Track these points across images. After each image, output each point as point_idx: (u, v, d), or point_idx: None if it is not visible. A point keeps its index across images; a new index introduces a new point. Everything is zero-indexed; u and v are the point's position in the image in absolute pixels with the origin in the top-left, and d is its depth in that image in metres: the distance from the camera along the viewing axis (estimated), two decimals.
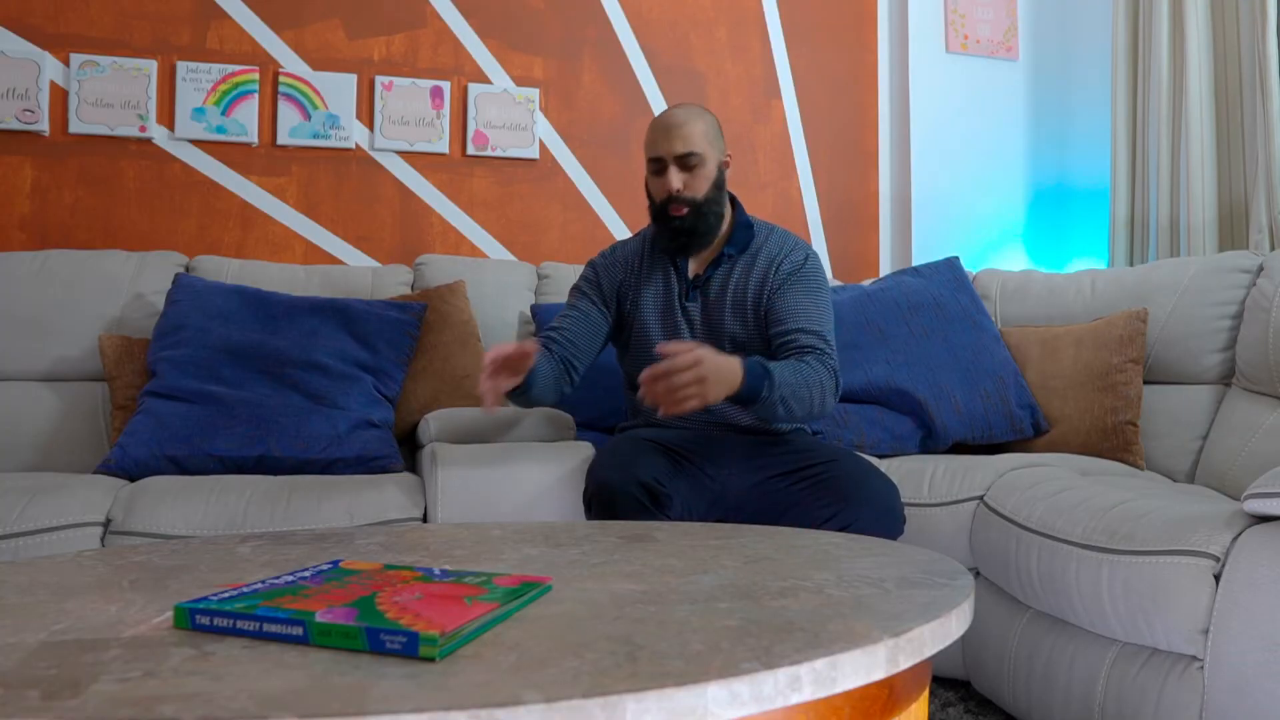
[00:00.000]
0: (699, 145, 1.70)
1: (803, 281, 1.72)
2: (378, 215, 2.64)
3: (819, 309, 1.71)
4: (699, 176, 1.71)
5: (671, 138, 1.69)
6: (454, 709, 0.52)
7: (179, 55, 2.50)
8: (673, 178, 1.69)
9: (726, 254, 1.76)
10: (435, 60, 2.69)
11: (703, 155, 1.70)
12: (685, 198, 1.70)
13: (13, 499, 1.51)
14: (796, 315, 1.69)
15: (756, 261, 1.75)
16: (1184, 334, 2.06)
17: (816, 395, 1.59)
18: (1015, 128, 3.09)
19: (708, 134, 1.72)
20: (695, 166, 1.70)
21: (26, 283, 2.11)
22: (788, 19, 3.00)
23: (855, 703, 0.69)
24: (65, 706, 0.52)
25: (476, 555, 0.99)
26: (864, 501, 1.47)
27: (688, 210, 1.70)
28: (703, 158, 1.70)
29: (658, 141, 1.71)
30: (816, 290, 1.73)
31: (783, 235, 1.80)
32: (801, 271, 1.73)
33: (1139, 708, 1.27)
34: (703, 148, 1.70)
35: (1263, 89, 2.26)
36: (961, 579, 0.86)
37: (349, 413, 1.94)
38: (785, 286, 1.72)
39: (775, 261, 1.74)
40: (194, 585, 0.84)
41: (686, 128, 1.70)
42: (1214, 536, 1.19)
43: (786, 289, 1.72)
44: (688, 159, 1.69)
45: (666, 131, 1.70)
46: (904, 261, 3.00)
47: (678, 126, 1.70)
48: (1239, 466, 1.81)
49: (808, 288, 1.72)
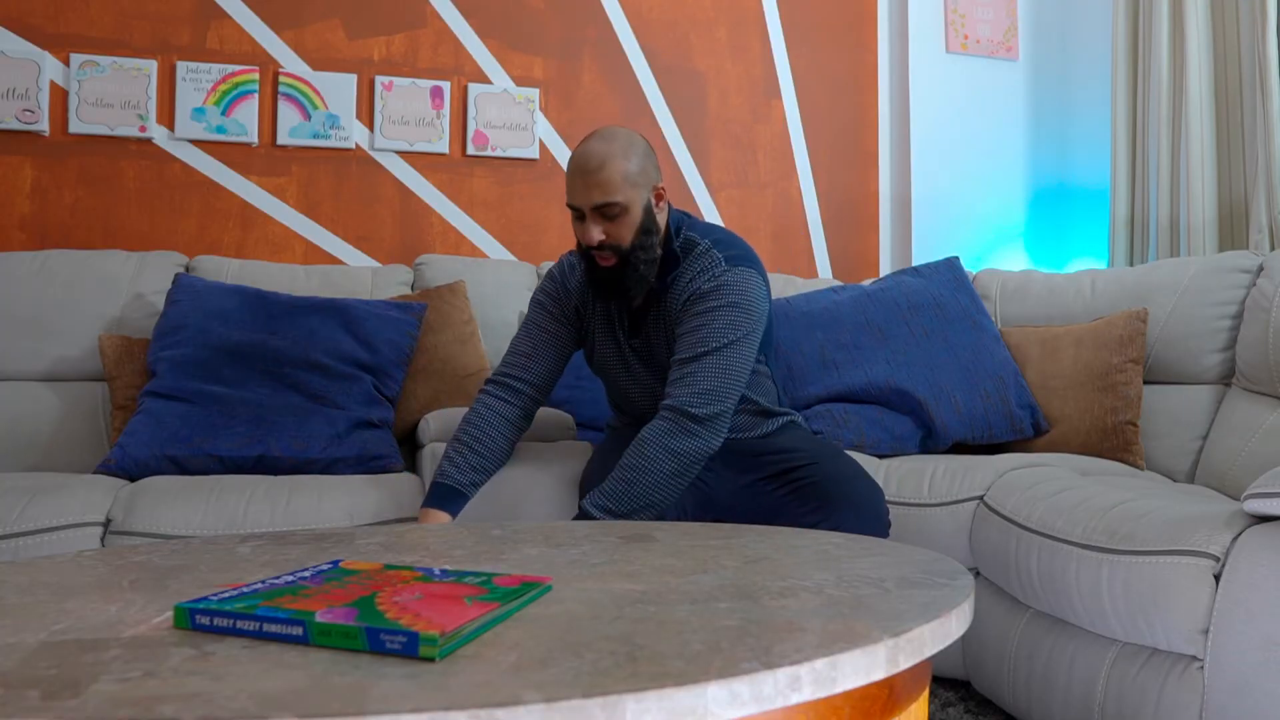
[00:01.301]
0: (618, 192, 1.51)
1: (691, 308, 1.57)
2: (378, 215, 2.64)
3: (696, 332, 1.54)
4: (622, 225, 1.54)
5: (589, 186, 1.51)
6: (454, 709, 0.52)
7: (179, 55, 2.50)
8: (593, 231, 1.53)
9: (659, 285, 1.64)
10: (435, 60, 2.69)
11: (624, 203, 1.52)
12: (610, 246, 1.55)
13: (13, 499, 1.51)
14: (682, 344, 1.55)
15: (679, 292, 1.61)
16: (1184, 334, 2.06)
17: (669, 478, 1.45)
18: (1015, 128, 3.09)
19: (629, 174, 1.52)
20: (618, 215, 1.53)
21: (26, 283, 2.11)
22: (788, 19, 3.00)
23: (855, 703, 0.69)
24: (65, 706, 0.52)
25: (476, 555, 0.99)
26: (848, 505, 1.47)
27: (615, 260, 1.56)
28: (624, 205, 1.52)
29: (574, 189, 1.54)
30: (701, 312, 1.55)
31: (704, 260, 1.60)
32: (692, 298, 1.58)
33: (1139, 708, 1.27)
34: (624, 194, 1.52)
35: (1263, 89, 2.26)
36: (961, 579, 0.86)
37: (349, 412, 1.94)
38: (677, 323, 1.59)
39: (677, 297, 1.60)
40: (194, 585, 0.84)
41: (603, 173, 1.51)
42: (1214, 536, 1.19)
43: (677, 324, 1.59)
44: (607, 209, 1.52)
45: (583, 178, 1.52)
46: (904, 261, 3.00)
47: (594, 173, 1.51)
48: (1239, 466, 1.81)
49: (694, 313, 1.56)
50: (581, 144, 1.56)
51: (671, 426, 1.48)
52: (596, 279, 1.60)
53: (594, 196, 1.52)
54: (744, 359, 1.53)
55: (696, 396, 1.49)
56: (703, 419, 1.48)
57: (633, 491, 1.45)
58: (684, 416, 1.48)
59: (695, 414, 1.48)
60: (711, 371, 1.51)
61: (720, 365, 1.51)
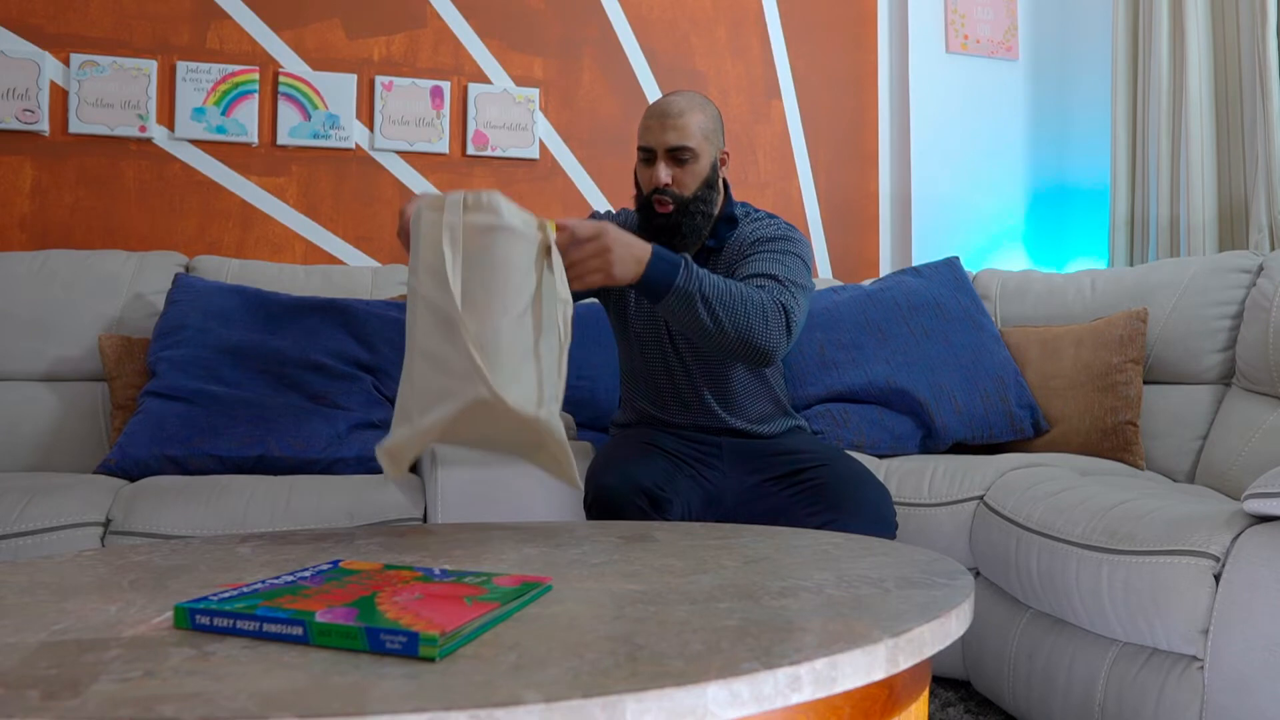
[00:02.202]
0: (693, 139, 1.59)
1: (765, 244, 1.61)
2: (378, 215, 2.64)
3: (779, 262, 1.57)
4: (689, 172, 1.61)
5: (666, 128, 1.59)
6: (454, 709, 0.52)
7: (179, 55, 2.50)
8: (661, 171, 1.59)
9: (708, 246, 1.68)
10: (435, 60, 2.69)
11: (696, 150, 1.60)
12: (672, 193, 1.60)
13: (13, 499, 1.51)
14: (754, 266, 1.57)
15: (731, 250, 1.67)
16: (1184, 334, 2.06)
17: (754, 313, 1.44)
18: (1015, 128, 3.09)
19: (705, 127, 1.62)
20: (687, 162, 1.60)
21: (26, 283, 2.11)
22: (788, 19, 3.00)
23: (855, 703, 0.69)
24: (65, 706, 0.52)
25: (476, 555, 0.99)
26: (856, 509, 1.47)
27: (673, 208, 1.61)
28: (696, 153, 1.60)
29: (650, 130, 1.61)
30: (778, 250, 1.60)
31: (766, 221, 1.69)
32: (764, 239, 1.63)
33: (1139, 708, 1.27)
34: (697, 142, 1.60)
35: (1263, 89, 2.26)
36: (961, 579, 0.86)
37: (349, 413, 1.95)
38: (746, 255, 1.63)
39: (744, 240, 1.66)
40: (194, 585, 0.84)
41: (683, 119, 1.59)
42: (1214, 536, 1.19)
43: (747, 256, 1.62)
44: (679, 153, 1.59)
45: (661, 120, 1.60)
46: (904, 261, 3.00)
47: (674, 116, 1.59)
48: (1239, 466, 1.81)
49: (770, 249, 1.60)
50: (662, 97, 1.64)
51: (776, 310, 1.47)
52: (653, 225, 1.63)
53: (670, 139, 1.59)
54: (808, 309, 1.58)
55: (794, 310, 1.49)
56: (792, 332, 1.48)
57: (727, 302, 1.41)
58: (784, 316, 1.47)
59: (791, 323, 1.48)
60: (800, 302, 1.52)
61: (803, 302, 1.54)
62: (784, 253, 1.60)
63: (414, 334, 1.07)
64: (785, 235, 1.63)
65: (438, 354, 1.04)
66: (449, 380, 1.04)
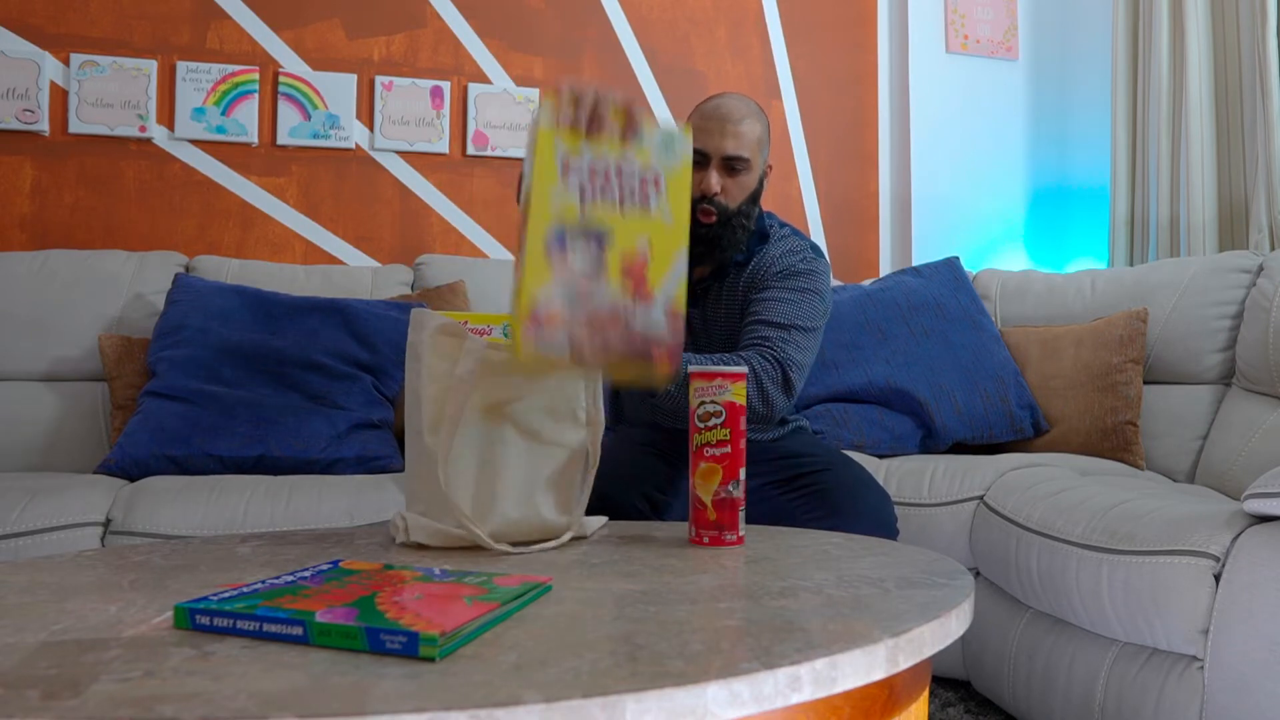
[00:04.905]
0: (749, 149, 1.51)
1: (785, 279, 1.58)
2: (378, 215, 2.64)
3: (793, 304, 1.54)
4: (739, 184, 1.52)
5: (725, 134, 1.49)
6: (454, 709, 0.52)
7: (179, 55, 2.50)
8: (712, 179, 1.50)
9: (737, 260, 1.63)
10: (435, 60, 2.69)
11: (750, 162, 1.51)
12: (718, 203, 1.51)
13: (13, 499, 1.51)
14: (764, 308, 1.54)
15: (756, 269, 1.63)
16: (1184, 334, 2.06)
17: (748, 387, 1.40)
18: (1015, 128, 3.09)
19: (761, 138, 1.54)
20: (739, 172, 1.51)
21: (26, 283, 2.11)
22: (788, 19, 3.00)
23: (855, 703, 0.69)
24: (65, 706, 0.52)
25: (476, 555, 0.99)
26: (857, 514, 1.46)
27: (716, 218, 1.52)
28: (749, 164, 1.51)
29: (709, 133, 1.50)
30: (797, 289, 1.57)
31: (792, 242, 1.64)
32: (787, 271, 1.59)
33: (1139, 708, 1.27)
34: (752, 152, 1.51)
35: (1263, 89, 2.26)
36: (961, 579, 0.86)
37: (349, 412, 1.94)
38: (766, 287, 1.59)
39: (768, 267, 1.62)
40: (194, 585, 0.84)
41: (743, 125, 1.50)
42: (1214, 536, 1.19)
43: (766, 288, 1.58)
44: (734, 162, 1.50)
45: (721, 125, 1.50)
46: (904, 261, 3.00)
47: (735, 122, 1.49)
48: (1239, 466, 1.81)
49: (788, 286, 1.57)
50: (715, 98, 1.55)
51: (771, 371, 1.45)
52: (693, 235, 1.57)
53: (728, 146, 1.49)
54: (817, 349, 1.56)
55: (795, 364, 1.47)
56: (792, 386, 1.47)
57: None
58: (782, 373, 1.46)
59: (791, 378, 1.46)
60: (806, 348, 1.51)
61: (810, 345, 1.52)
62: (801, 292, 1.55)
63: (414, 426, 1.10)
64: (809, 271, 1.58)
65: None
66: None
